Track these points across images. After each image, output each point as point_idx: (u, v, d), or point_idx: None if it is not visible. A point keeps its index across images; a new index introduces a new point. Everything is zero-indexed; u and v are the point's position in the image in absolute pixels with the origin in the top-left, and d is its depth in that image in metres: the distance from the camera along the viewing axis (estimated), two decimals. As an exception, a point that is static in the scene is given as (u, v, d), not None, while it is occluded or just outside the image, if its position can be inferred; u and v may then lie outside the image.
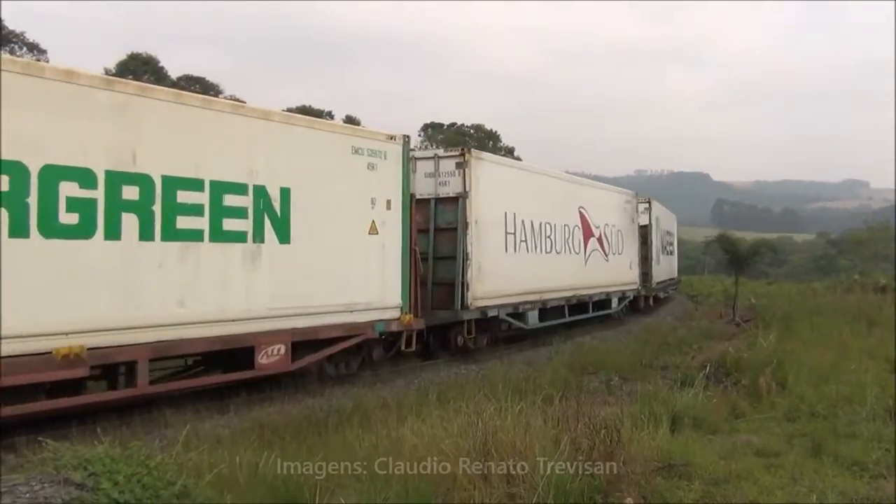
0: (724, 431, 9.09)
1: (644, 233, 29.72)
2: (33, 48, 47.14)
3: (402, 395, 11.21)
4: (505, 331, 19.11)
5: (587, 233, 22.78)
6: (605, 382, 12.70)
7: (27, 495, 5.04)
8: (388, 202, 13.57)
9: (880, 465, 7.54)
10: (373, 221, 13.23)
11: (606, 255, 24.34)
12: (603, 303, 23.98)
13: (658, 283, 32.00)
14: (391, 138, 13.80)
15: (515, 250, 17.92)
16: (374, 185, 13.29)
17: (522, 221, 18.30)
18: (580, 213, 22.39)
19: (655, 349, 16.75)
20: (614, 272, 25.12)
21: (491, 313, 16.80)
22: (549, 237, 19.87)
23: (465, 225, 15.88)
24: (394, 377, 13.56)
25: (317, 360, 12.31)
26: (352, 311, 12.76)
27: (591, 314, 22.94)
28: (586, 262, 22.62)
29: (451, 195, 16.04)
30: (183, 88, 35.80)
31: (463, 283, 15.71)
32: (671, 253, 39.61)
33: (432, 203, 16.13)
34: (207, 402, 11.02)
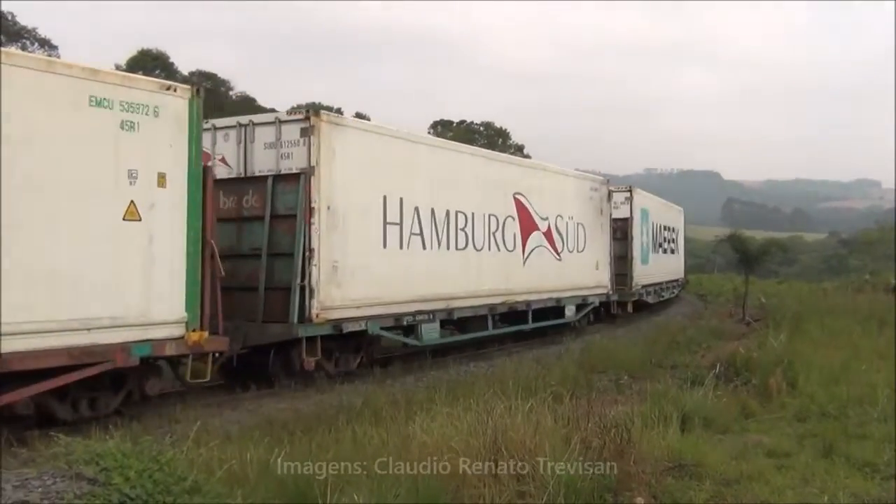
0: (734, 431, 9.07)
1: (622, 227, 25.51)
2: (45, 44, 47.37)
3: (411, 391, 11.21)
4: (393, 349, 15.97)
5: (527, 225, 18.56)
6: (614, 381, 12.68)
7: (39, 489, 5.07)
8: (161, 177, 9.88)
9: (891, 467, 7.51)
10: (131, 203, 9.54)
11: (558, 253, 20.04)
12: (555, 310, 20.01)
13: (647, 286, 27.52)
14: (166, 88, 10.16)
15: (403, 246, 14.17)
16: (134, 153, 9.59)
17: (416, 209, 14.54)
18: (516, 200, 18.09)
19: (665, 348, 16.72)
20: (571, 274, 20.74)
21: (350, 327, 12.91)
22: (462, 230, 16.00)
23: (310, 211, 12.15)
24: (403, 374, 13.55)
25: (18, 399, 8.62)
26: (88, 330, 9.05)
27: (532, 325, 18.89)
28: (525, 261, 18.43)
29: (293, 171, 12.48)
30: (194, 84, 35.83)
31: (304, 288, 12.10)
32: (673, 251, 35.42)
33: (269, 181, 12.68)
34: (217, 398, 11.05)
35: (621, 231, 25.23)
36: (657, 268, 29.97)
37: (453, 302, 15.57)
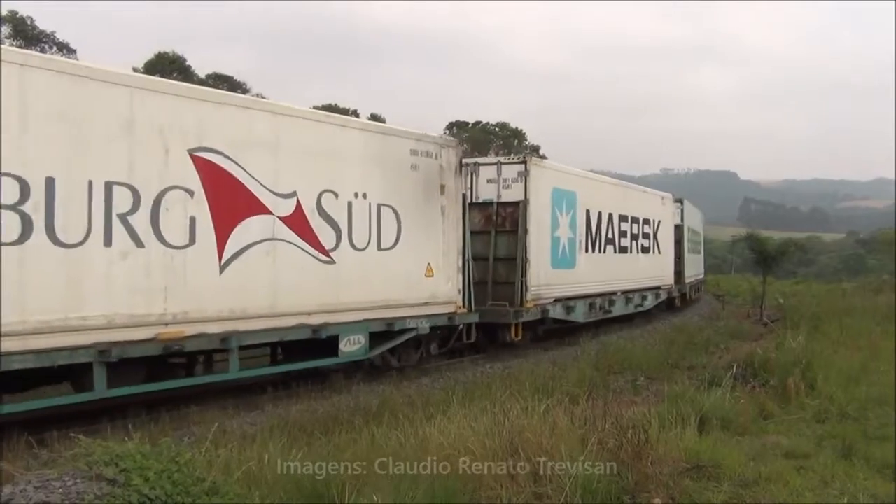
0: (752, 432, 9.02)
1: (511, 215, 17.23)
2: (63, 48, 47.72)
3: (427, 393, 11.23)
4: None
5: (234, 205, 10.91)
6: (631, 382, 12.65)
7: (60, 490, 5.10)
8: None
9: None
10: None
11: (326, 253, 12.14)
12: (319, 345, 12.12)
13: (571, 299, 19.33)
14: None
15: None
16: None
17: None
18: (200, 162, 10.38)
19: (682, 349, 16.65)
20: (361, 284, 12.76)
21: None
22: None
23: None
24: (419, 375, 13.58)
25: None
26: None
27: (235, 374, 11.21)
28: (226, 265, 10.68)
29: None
30: (212, 86, 36.03)
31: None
32: (649, 250, 25.84)
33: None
34: (235, 399, 11.10)
35: (511, 220, 17.14)
36: (603, 272, 21.34)
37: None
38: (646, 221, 25.06)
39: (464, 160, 16.07)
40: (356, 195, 12.56)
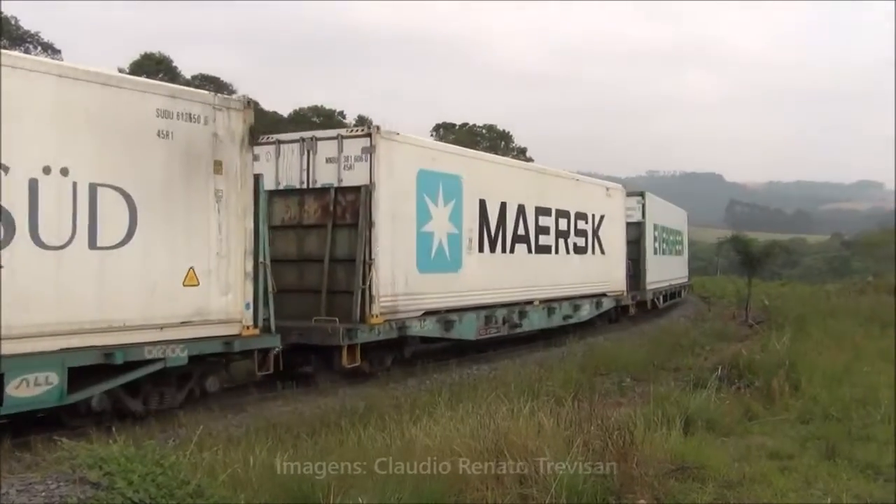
0: (737, 433, 9.07)
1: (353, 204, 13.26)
2: (48, 48, 47.45)
3: (414, 395, 11.22)
4: None
5: None
6: (617, 383, 12.69)
7: (43, 494, 5.09)
8: None
9: (894, 469, 7.51)
10: None
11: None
12: None
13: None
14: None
15: None
16: None
17: None
18: None
19: (668, 350, 16.70)
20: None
21: None
22: None
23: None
24: (406, 377, 13.56)
25: None
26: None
27: None
28: None
29: None
30: (197, 87, 35.95)
31: None
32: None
33: None
34: (220, 402, 11.05)
35: (352, 211, 13.20)
36: (510, 277, 17.29)
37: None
38: (581, 216, 20.86)
39: (305, 134, 13.91)
40: (46, 170, 8.63)
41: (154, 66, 48.62)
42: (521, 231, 17.71)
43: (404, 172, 13.76)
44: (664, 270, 29.94)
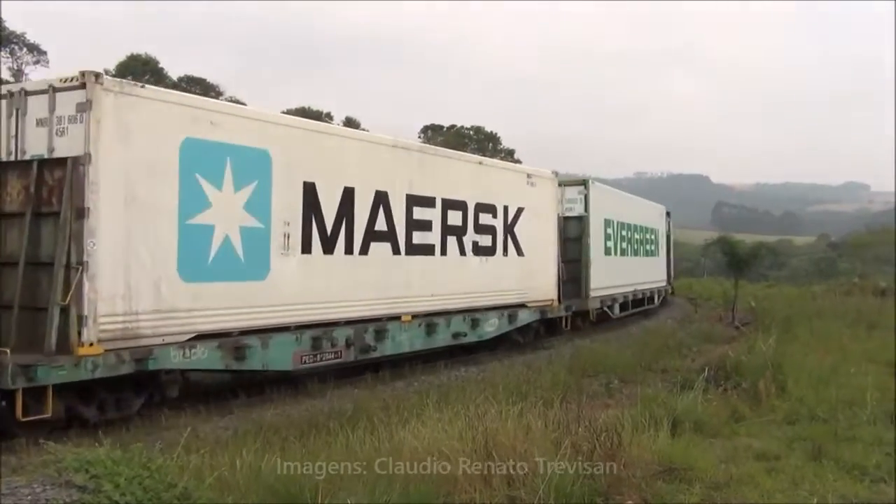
0: (724, 435, 9.11)
1: None
2: (34, 49, 47.23)
3: (402, 397, 11.21)
4: None
5: None
6: (604, 385, 12.72)
7: (29, 497, 5.06)
8: None
9: (881, 469, 7.58)
10: None
11: None
12: None
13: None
14: None
15: None
16: None
17: None
18: None
19: (655, 352, 16.76)
20: None
21: None
22: None
23: None
24: (394, 379, 13.55)
25: None
26: None
27: None
28: None
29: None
30: (183, 90, 35.87)
31: None
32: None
33: None
34: (208, 404, 11.02)
35: (59, 193, 9.51)
36: (357, 285, 13.15)
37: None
38: (485, 209, 16.62)
39: (12, 87, 10.36)
40: None
41: (140, 68, 48.44)
42: (381, 226, 13.57)
43: (156, 140, 9.93)
44: (623, 274, 25.49)
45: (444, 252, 15.34)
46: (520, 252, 17.89)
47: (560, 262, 19.75)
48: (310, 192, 12.12)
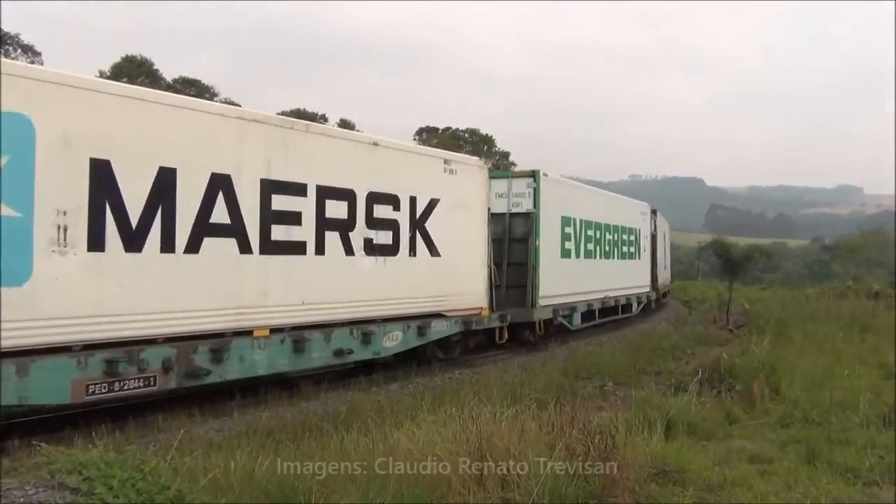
0: (718, 437, 9.11)
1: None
2: (28, 50, 47.12)
3: (396, 399, 11.20)
4: None
5: None
6: (599, 387, 12.73)
7: (21, 499, 5.03)
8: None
9: (874, 472, 7.58)
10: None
11: None
12: None
13: None
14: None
15: None
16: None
17: None
18: None
19: (649, 354, 16.77)
20: None
21: None
22: None
23: None
24: (388, 381, 13.52)
25: None
26: None
27: None
28: None
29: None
30: (178, 91, 35.78)
31: None
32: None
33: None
34: (202, 405, 10.99)
35: None
36: (165, 291, 10.03)
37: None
38: (383, 199, 13.62)
39: None
40: None
41: (135, 70, 48.36)
42: (220, 218, 10.71)
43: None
44: (588, 279, 22.36)
45: (320, 251, 12.32)
46: (434, 252, 14.88)
47: (491, 264, 16.64)
48: (102, 171, 9.21)
